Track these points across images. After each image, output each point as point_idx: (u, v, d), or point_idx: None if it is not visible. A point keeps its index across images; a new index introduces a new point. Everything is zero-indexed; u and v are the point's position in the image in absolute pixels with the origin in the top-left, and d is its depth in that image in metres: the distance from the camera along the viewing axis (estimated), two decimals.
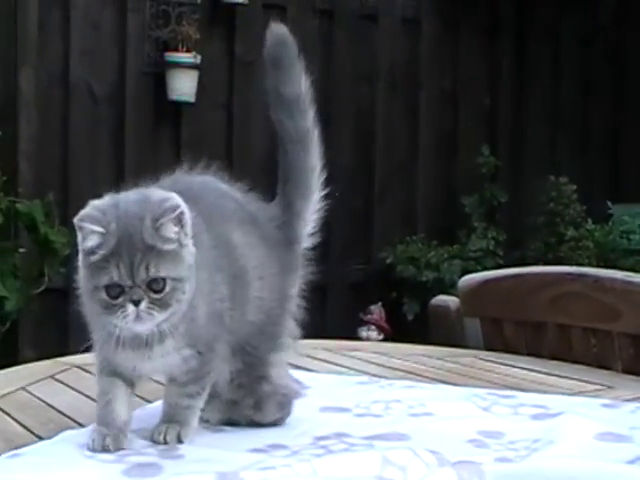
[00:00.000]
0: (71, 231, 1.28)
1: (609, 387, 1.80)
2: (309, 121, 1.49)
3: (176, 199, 1.27)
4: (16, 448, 1.33)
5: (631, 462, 1.25)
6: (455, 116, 6.26)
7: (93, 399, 1.43)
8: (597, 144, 6.69)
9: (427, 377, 1.90)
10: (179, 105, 5.30)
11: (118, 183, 1.36)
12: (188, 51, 5.22)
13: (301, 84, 1.48)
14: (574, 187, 5.53)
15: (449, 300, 2.37)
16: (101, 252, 1.24)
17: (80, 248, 1.27)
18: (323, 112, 1.49)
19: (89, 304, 1.29)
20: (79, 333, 1.35)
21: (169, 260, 1.24)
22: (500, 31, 6.42)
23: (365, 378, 1.84)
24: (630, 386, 1.81)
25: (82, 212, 1.26)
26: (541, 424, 1.45)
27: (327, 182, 1.47)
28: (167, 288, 1.24)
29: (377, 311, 5.51)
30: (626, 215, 5.60)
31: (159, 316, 1.25)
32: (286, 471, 1.14)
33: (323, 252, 1.48)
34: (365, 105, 5.93)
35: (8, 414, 1.57)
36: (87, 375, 1.77)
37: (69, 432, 1.40)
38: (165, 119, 5.36)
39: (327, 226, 1.49)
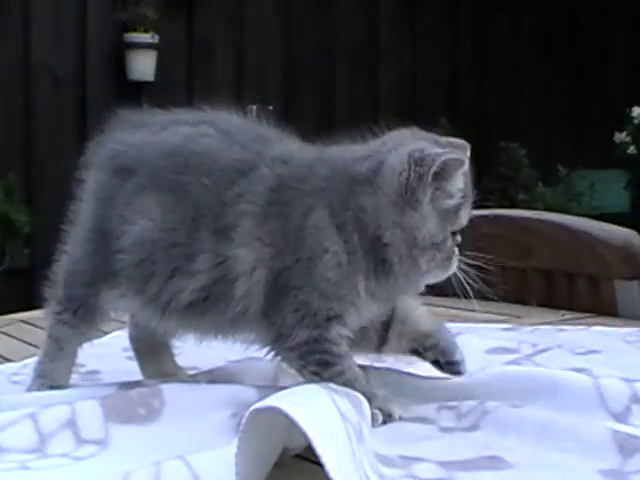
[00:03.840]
0: (32, 211, 1.05)
1: (517, 317, 1.92)
2: None
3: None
4: None
5: (508, 363, 1.37)
6: (415, 87, 6.36)
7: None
8: (557, 111, 6.80)
9: None
10: (140, 85, 5.39)
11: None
12: (146, 32, 5.32)
13: None
14: (524, 152, 5.64)
15: None
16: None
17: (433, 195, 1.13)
18: (285, 86, 1.54)
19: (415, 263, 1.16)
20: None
21: None
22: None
23: None
24: (536, 315, 1.93)
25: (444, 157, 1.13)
26: None
27: None
28: None
29: None
30: (578, 179, 5.76)
31: None
32: None
33: None
34: (326, 79, 6.01)
35: None
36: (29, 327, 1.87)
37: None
38: (127, 99, 5.44)
39: None
